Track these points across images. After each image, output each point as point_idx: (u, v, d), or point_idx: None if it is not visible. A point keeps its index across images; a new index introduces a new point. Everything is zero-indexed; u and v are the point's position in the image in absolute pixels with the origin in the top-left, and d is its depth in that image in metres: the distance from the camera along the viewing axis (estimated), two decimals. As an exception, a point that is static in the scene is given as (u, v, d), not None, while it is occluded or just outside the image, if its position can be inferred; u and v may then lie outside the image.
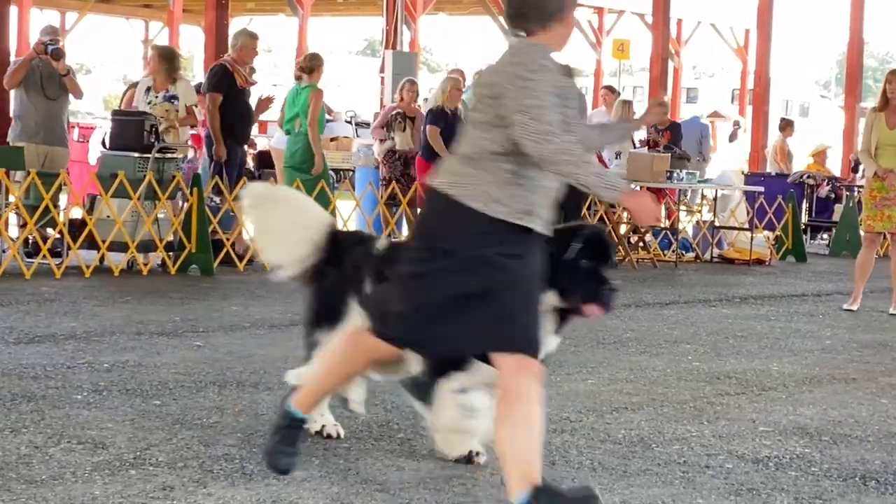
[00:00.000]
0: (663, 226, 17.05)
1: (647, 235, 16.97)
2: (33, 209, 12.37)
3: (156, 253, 12.91)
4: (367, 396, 6.98)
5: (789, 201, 18.25)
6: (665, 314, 10.97)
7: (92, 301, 10.72)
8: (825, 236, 20.57)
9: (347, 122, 30.91)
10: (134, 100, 13.83)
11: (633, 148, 16.98)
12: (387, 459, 5.99)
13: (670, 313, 11.05)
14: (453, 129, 15.27)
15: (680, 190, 17.27)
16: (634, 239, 16.95)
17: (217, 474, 5.63)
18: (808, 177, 20.36)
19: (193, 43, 42.08)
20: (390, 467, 5.87)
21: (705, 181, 17.54)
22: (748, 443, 6.72)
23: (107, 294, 11.20)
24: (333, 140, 26.61)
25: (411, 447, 6.18)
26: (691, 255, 17.26)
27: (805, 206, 20.06)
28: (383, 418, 6.78)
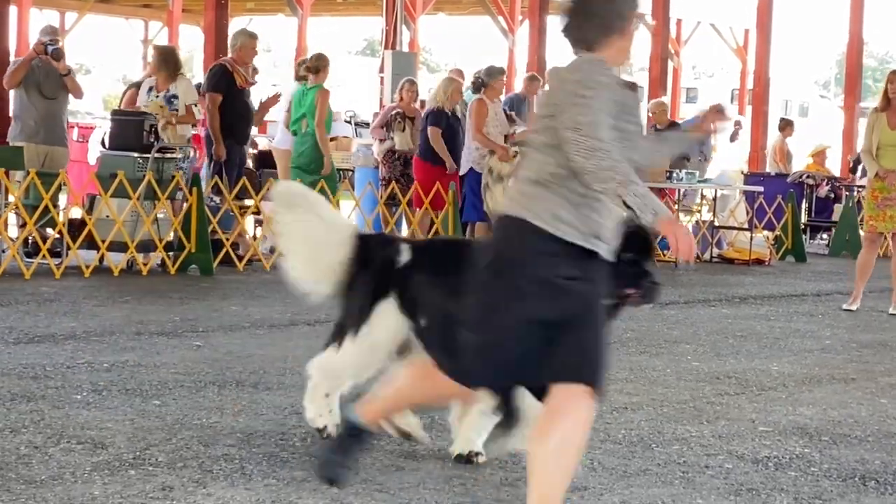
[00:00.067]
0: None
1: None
2: (33, 209, 12.37)
3: (155, 253, 12.90)
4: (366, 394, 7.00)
5: (789, 201, 18.25)
6: (665, 314, 10.96)
7: (91, 301, 10.71)
8: (825, 236, 20.56)
9: (347, 122, 30.85)
10: (137, 100, 13.84)
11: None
12: (387, 459, 5.99)
13: (670, 313, 11.04)
14: (453, 130, 15.29)
15: (679, 190, 17.26)
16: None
17: (216, 474, 5.63)
18: (808, 177, 20.36)
19: (193, 43, 42.03)
20: (390, 467, 5.87)
21: (705, 181, 17.53)
22: (748, 443, 6.72)
23: (106, 294, 11.19)
24: (333, 140, 26.49)
25: (411, 447, 6.17)
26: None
27: (804, 206, 20.06)
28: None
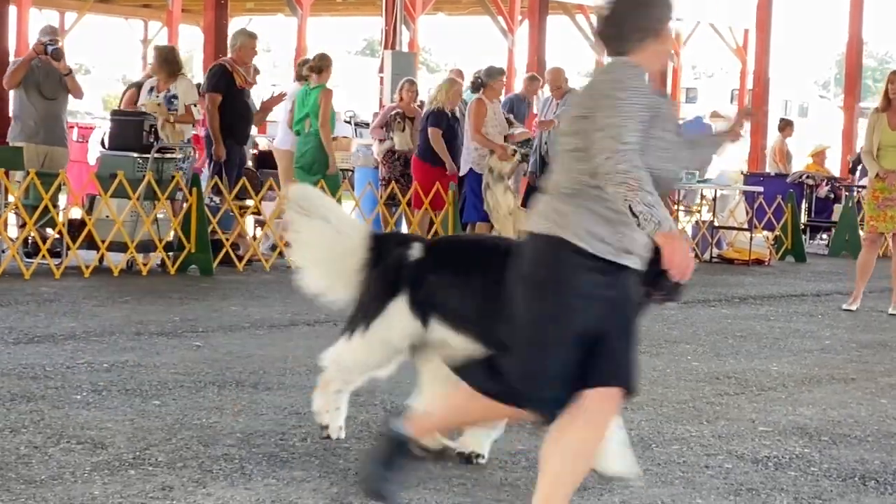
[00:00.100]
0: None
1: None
2: (33, 209, 12.37)
3: (155, 253, 12.90)
4: (367, 396, 7.00)
5: (788, 201, 18.25)
6: (665, 314, 10.95)
7: (91, 301, 10.71)
8: (824, 236, 20.56)
9: (347, 121, 30.85)
10: (138, 100, 13.84)
11: None
12: (386, 459, 5.98)
13: (670, 313, 11.03)
14: (454, 131, 15.28)
15: (678, 189, 17.27)
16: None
17: (216, 474, 5.63)
18: (808, 177, 20.36)
19: (193, 43, 42.02)
20: (390, 467, 5.86)
21: (704, 181, 17.53)
22: (747, 443, 6.72)
23: (106, 294, 11.19)
24: (333, 140, 26.53)
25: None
26: (690, 255, 17.22)
27: (804, 206, 20.06)
28: (383, 418, 6.77)
